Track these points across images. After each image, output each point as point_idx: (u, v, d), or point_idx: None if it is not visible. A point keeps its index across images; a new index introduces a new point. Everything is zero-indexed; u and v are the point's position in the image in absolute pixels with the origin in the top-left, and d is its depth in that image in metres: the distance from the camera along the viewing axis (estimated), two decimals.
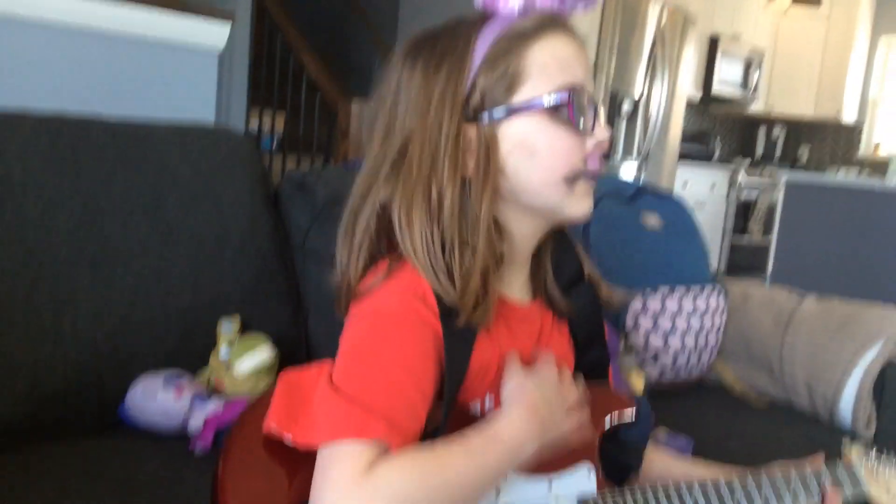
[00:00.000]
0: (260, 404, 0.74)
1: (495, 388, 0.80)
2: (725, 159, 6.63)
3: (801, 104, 6.58)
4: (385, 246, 0.78)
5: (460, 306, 0.72)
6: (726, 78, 6.03)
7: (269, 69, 3.73)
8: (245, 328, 1.22)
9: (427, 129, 0.74)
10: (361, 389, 0.67)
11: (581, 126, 0.75)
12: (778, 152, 7.03)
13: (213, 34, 2.61)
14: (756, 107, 6.55)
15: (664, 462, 0.96)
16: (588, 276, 0.88)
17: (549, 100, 0.74)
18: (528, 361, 0.81)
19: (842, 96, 6.42)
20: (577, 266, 0.87)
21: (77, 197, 1.13)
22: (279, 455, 0.71)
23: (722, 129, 6.97)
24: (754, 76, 6.27)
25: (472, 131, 0.75)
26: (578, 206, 0.78)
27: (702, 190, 5.54)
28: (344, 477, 0.62)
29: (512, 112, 0.75)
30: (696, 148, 6.10)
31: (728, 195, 5.77)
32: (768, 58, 6.49)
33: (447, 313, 0.72)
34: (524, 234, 0.81)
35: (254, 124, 3.85)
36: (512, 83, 0.74)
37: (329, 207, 1.35)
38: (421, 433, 0.69)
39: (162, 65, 2.53)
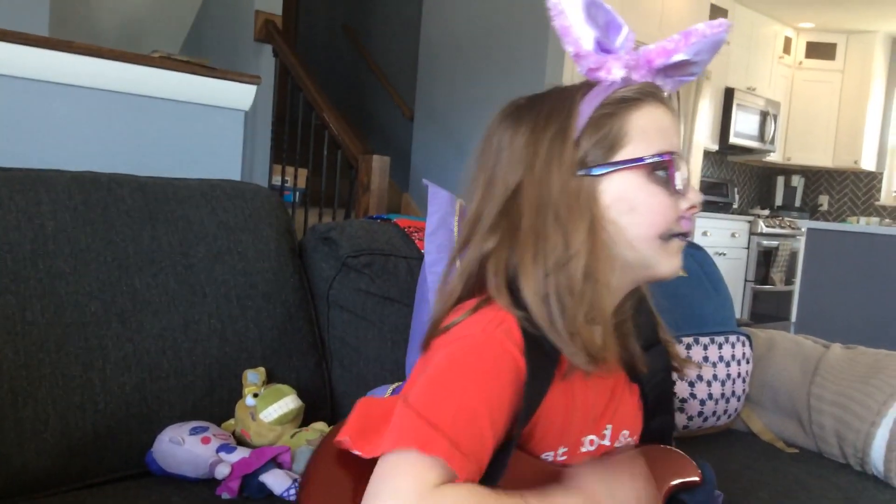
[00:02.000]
0: (337, 430, 0.77)
1: (569, 440, 0.82)
2: (745, 209, 6.63)
3: (818, 154, 6.60)
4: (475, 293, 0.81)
5: (583, 356, 0.74)
6: (742, 130, 6.07)
7: (291, 127, 3.81)
8: (270, 378, 1.23)
9: (536, 182, 0.78)
10: (433, 408, 0.69)
11: (678, 187, 0.79)
12: (797, 201, 7.02)
13: (239, 95, 2.69)
14: (774, 157, 6.57)
15: None
16: (663, 339, 0.90)
17: (651, 159, 0.79)
18: (600, 417, 0.84)
19: (860, 145, 6.43)
20: (654, 328, 0.90)
21: (107, 251, 1.16)
22: (352, 469, 0.73)
23: (740, 179, 6.98)
24: (770, 127, 6.31)
25: (573, 185, 0.78)
26: (669, 263, 0.82)
27: (722, 239, 5.53)
28: (407, 489, 0.63)
29: (614, 168, 0.79)
30: (715, 198, 6.11)
31: (749, 244, 5.75)
32: (784, 109, 6.54)
33: (532, 353, 0.74)
34: (613, 287, 0.82)
35: (276, 180, 3.93)
36: (614, 143, 0.79)
37: (352, 259, 1.37)
38: (486, 464, 0.70)
39: (191, 124, 2.61)
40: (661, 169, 0.79)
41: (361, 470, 0.72)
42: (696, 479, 0.85)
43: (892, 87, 6.63)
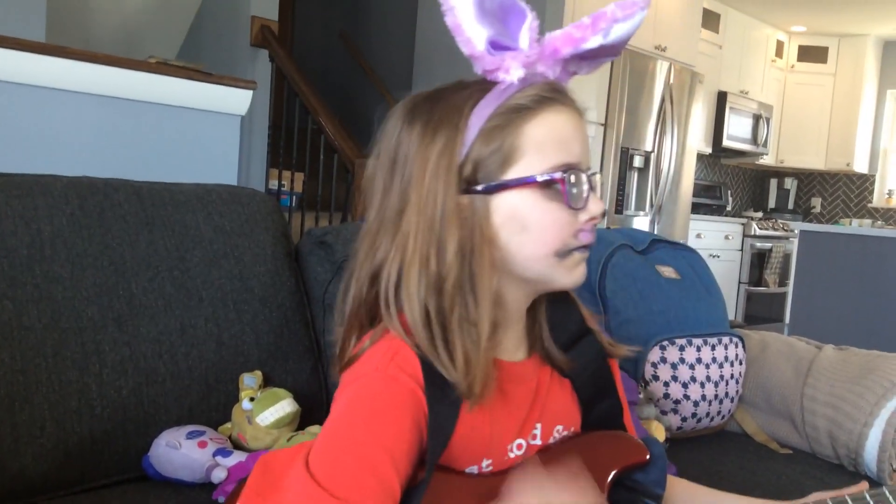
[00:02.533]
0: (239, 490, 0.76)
1: (493, 451, 0.79)
2: (738, 211, 6.65)
3: (811, 156, 6.63)
4: (374, 315, 0.78)
5: (464, 384, 0.71)
6: (735, 133, 6.10)
7: (287, 132, 3.82)
8: (266, 382, 1.23)
9: (423, 199, 0.74)
10: (330, 472, 0.67)
11: (572, 203, 0.75)
12: (790, 203, 7.05)
13: (236, 100, 2.70)
14: (767, 159, 6.61)
15: (689, 491, 0.95)
16: (591, 328, 0.87)
17: (542, 178, 0.74)
18: (526, 420, 0.81)
19: (852, 148, 6.47)
20: (579, 320, 0.87)
21: (104, 256, 1.16)
22: None
23: (734, 182, 7.01)
24: (763, 130, 6.34)
25: (464, 201, 0.74)
26: (569, 277, 0.78)
27: (716, 241, 5.55)
28: None
29: (505, 187, 0.74)
30: (708, 200, 6.13)
31: (742, 246, 5.77)
32: (776, 112, 6.57)
33: (431, 380, 0.72)
34: (516, 298, 0.81)
35: (273, 185, 3.93)
36: (507, 158, 0.74)
37: (348, 262, 1.38)
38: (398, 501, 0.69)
39: (187, 129, 2.61)
40: (556, 184, 0.74)
41: None
42: (645, 457, 0.83)
43: (884, 90, 6.67)
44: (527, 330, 0.85)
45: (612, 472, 0.81)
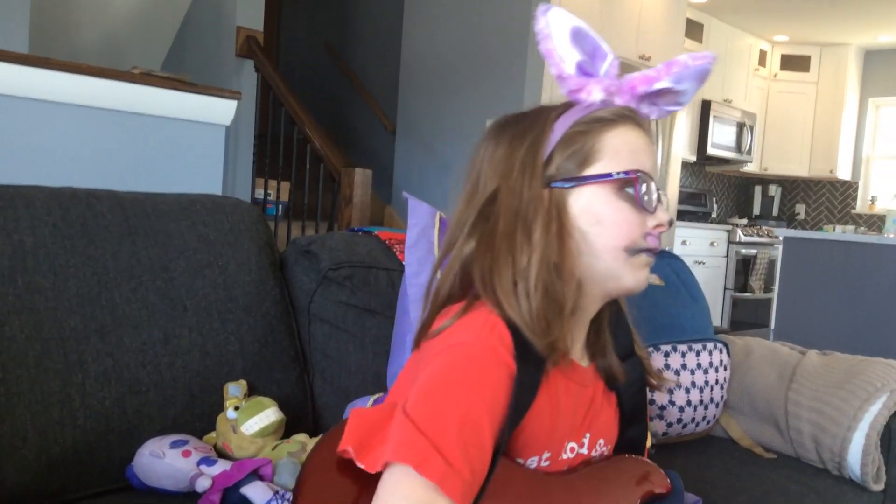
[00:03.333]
0: (333, 434, 0.77)
1: (553, 445, 0.84)
2: (723, 218, 6.70)
3: (795, 164, 6.69)
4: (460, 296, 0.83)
5: (544, 342, 0.76)
6: (720, 141, 6.15)
7: (273, 141, 3.82)
8: (251, 392, 1.23)
9: (510, 191, 0.82)
10: (436, 425, 0.69)
11: (644, 204, 0.82)
12: (775, 210, 7.11)
13: (220, 110, 2.69)
14: (751, 167, 6.66)
15: None
16: (638, 353, 0.93)
17: (618, 175, 0.82)
18: (580, 426, 0.86)
19: (835, 155, 6.53)
20: (630, 340, 0.93)
21: (87, 266, 1.15)
22: (351, 478, 0.73)
23: (719, 189, 7.05)
24: (747, 138, 6.39)
25: (547, 194, 0.82)
26: (634, 276, 0.84)
27: (701, 248, 5.58)
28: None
29: (583, 182, 0.82)
30: (693, 208, 6.17)
31: (728, 253, 5.80)
32: (760, 120, 6.63)
33: (522, 356, 0.76)
34: (589, 295, 0.85)
35: (259, 194, 3.93)
36: (585, 158, 0.83)
37: (333, 272, 1.38)
38: (486, 472, 0.71)
39: (171, 140, 2.61)
40: (629, 186, 0.82)
41: (359, 480, 0.72)
42: (667, 489, 0.87)
43: (866, 98, 6.75)
44: (588, 340, 0.91)
45: (640, 497, 0.86)
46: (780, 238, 3.71)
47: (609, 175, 0.82)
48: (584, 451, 0.89)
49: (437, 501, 0.65)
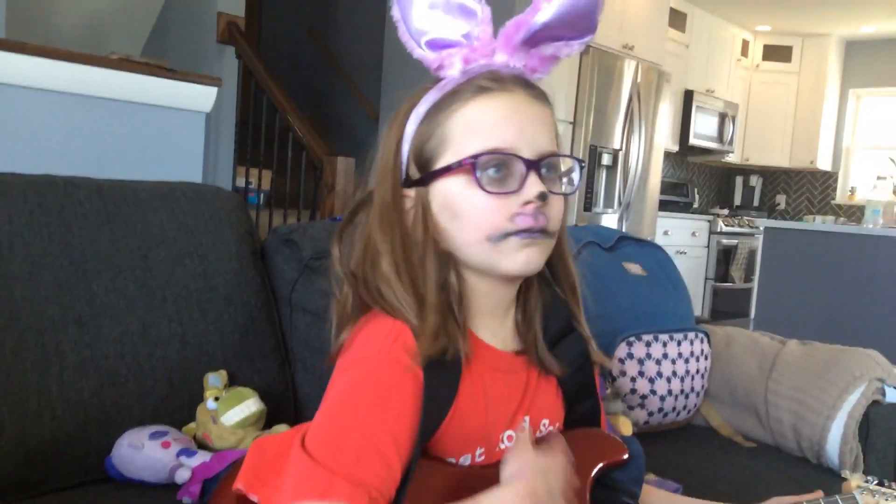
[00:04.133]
0: (231, 475, 0.76)
1: (487, 439, 0.81)
2: (705, 208, 6.73)
3: (776, 154, 6.73)
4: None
5: (434, 347, 0.74)
6: (702, 131, 6.17)
7: (255, 129, 3.78)
8: (232, 382, 1.22)
9: (378, 194, 0.80)
10: (331, 450, 0.68)
11: (490, 188, 0.76)
12: (756, 201, 7.15)
13: (200, 97, 2.66)
14: (732, 157, 6.69)
15: (661, 500, 0.96)
16: (577, 329, 0.88)
17: (455, 164, 0.77)
18: (516, 412, 0.83)
19: (816, 146, 6.58)
20: (566, 318, 0.88)
21: (64, 255, 1.14)
22: None
23: (700, 180, 7.09)
24: (729, 129, 6.42)
25: (410, 193, 0.80)
26: (510, 262, 0.78)
27: (683, 238, 5.61)
28: None
29: (434, 176, 0.78)
30: (675, 198, 6.19)
31: (709, 243, 5.84)
32: (742, 111, 6.66)
33: (433, 361, 0.73)
34: (481, 285, 0.82)
35: (241, 182, 3.90)
36: (437, 149, 0.78)
37: (315, 261, 1.37)
38: (397, 486, 0.70)
39: (151, 127, 2.58)
40: (480, 170, 0.76)
41: None
42: (625, 455, 0.84)
43: (846, 89, 6.80)
44: (518, 327, 0.87)
45: (596, 469, 0.83)
46: (761, 228, 3.74)
47: (448, 168, 0.77)
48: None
49: None
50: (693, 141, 6.08)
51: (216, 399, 1.15)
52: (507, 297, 0.85)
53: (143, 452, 1.05)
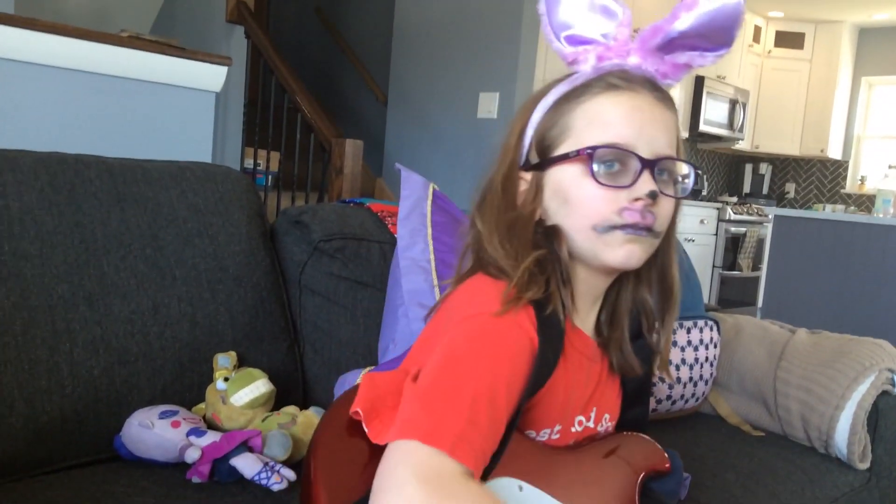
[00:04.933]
0: (343, 401, 0.76)
1: (565, 418, 0.85)
2: (713, 196, 6.70)
3: (786, 142, 6.68)
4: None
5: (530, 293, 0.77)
6: (712, 118, 6.12)
7: (263, 110, 3.77)
8: (241, 363, 1.22)
9: (501, 174, 0.85)
10: (444, 399, 0.68)
11: (604, 181, 0.79)
12: (765, 189, 7.11)
13: (210, 76, 2.65)
14: (742, 145, 6.65)
15: None
16: (648, 340, 0.91)
17: (572, 154, 0.80)
18: (589, 400, 0.87)
19: (826, 134, 6.52)
20: (638, 324, 0.91)
21: (75, 233, 1.14)
22: (363, 440, 0.73)
23: (710, 167, 7.05)
24: (739, 115, 6.37)
25: (528, 176, 0.85)
26: (612, 254, 0.81)
27: (691, 225, 5.58)
28: (407, 478, 0.62)
29: (552, 163, 0.82)
30: None
31: (717, 230, 5.82)
32: (753, 98, 6.61)
33: (545, 326, 0.76)
34: (581, 271, 0.85)
35: (248, 164, 3.89)
36: (559, 137, 0.82)
37: (324, 243, 1.37)
38: (499, 441, 0.71)
39: (160, 106, 2.57)
40: (596, 161, 0.79)
41: (370, 442, 0.72)
42: (666, 466, 0.88)
43: (859, 77, 6.73)
44: (601, 323, 0.90)
45: (643, 474, 0.87)
46: (770, 216, 3.72)
47: (566, 156, 0.81)
48: (591, 424, 0.89)
49: (446, 466, 0.64)
50: (703, 128, 6.04)
51: (226, 380, 1.15)
52: (600, 286, 0.88)
53: (153, 432, 1.05)
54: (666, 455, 0.90)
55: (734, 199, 6.38)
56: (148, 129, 2.54)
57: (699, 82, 5.98)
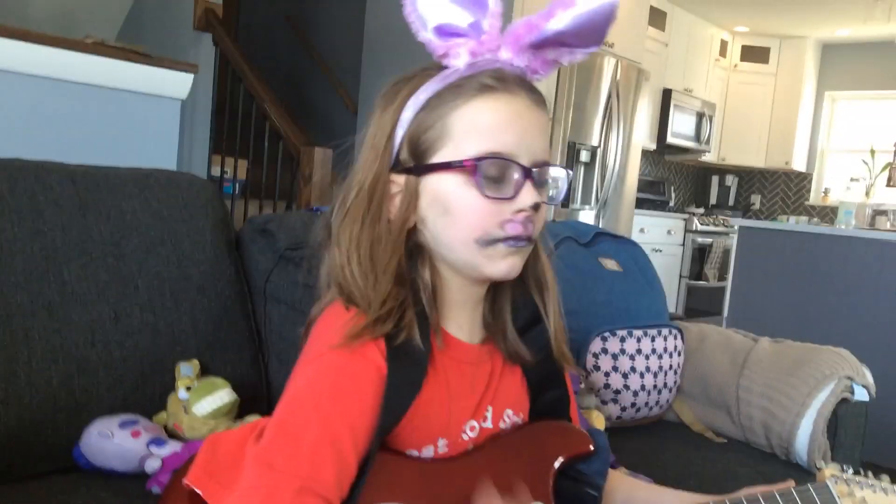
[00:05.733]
0: (181, 472, 0.77)
1: (450, 431, 0.81)
2: (681, 207, 6.79)
3: (751, 155, 6.80)
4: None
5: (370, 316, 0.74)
6: (679, 130, 6.21)
7: (231, 117, 3.75)
8: (204, 372, 1.21)
9: (364, 175, 0.78)
10: (285, 450, 0.69)
11: (488, 192, 0.75)
12: (731, 200, 7.22)
13: (176, 83, 2.63)
14: (709, 157, 6.74)
15: (627, 484, 0.97)
16: (543, 321, 0.88)
17: (457, 163, 0.76)
18: (480, 402, 0.84)
19: (791, 147, 6.65)
20: (533, 308, 0.88)
21: (35, 241, 1.12)
22: None
23: (677, 178, 7.14)
24: (706, 128, 6.46)
25: (399, 179, 0.78)
26: (494, 267, 0.78)
27: (659, 236, 5.65)
28: None
29: (430, 169, 0.77)
30: (652, 196, 6.23)
31: (684, 241, 5.89)
32: (719, 110, 6.71)
33: (396, 352, 0.74)
34: (458, 283, 0.82)
35: (216, 171, 3.86)
36: (436, 142, 0.77)
37: (290, 252, 1.36)
38: (353, 481, 0.71)
39: (125, 113, 2.54)
40: (480, 173, 0.75)
41: None
42: (590, 448, 0.85)
43: (822, 91, 6.87)
44: (485, 316, 0.87)
45: (558, 462, 0.83)
46: (736, 227, 3.77)
47: (448, 164, 0.76)
48: (489, 424, 0.85)
49: None
50: (671, 140, 6.12)
51: (188, 389, 1.13)
52: (479, 292, 0.85)
53: (113, 441, 1.03)
54: (587, 435, 0.86)
55: (701, 211, 6.47)
56: (112, 136, 2.51)
57: (667, 95, 6.06)
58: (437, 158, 0.77)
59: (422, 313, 0.78)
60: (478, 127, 0.76)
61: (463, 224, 0.77)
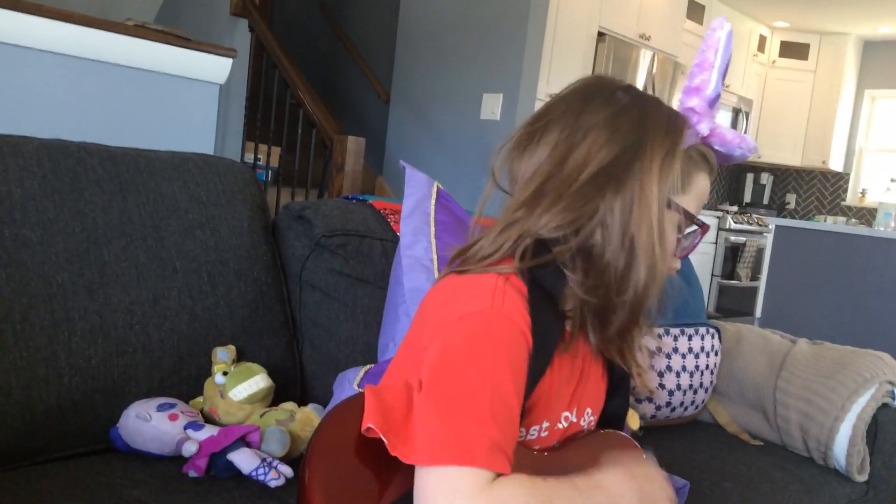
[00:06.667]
0: (341, 411, 0.75)
1: (552, 415, 0.84)
2: (714, 204, 6.70)
3: (788, 153, 6.68)
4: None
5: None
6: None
7: (265, 104, 3.76)
8: (239, 357, 1.21)
9: (636, 189, 0.79)
10: (463, 410, 0.68)
11: (684, 250, 0.89)
12: (766, 199, 7.11)
13: (215, 68, 2.64)
14: None
15: None
16: None
17: (700, 224, 0.88)
18: (572, 395, 0.87)
19: (828, 146, 6.52)
20: None
21: (76, 222, 1.13)
22: (367, 458, 0.72)
23: None
24: (742, 125, 6.37)
25: (665, 202, 0.85)
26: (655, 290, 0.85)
27: None
28: (457, 499, 0.63)
29: (674, 206, 0.85)
30: None
31: (717, 239, 5.81)
32: (756, 107, 6.60)
33: (536, 320, 0.76)
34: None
35: (249, 158, 3.87)
36: (684, 186, 0.86)
37: (326, 239, 1.36)
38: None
39: (164, 96, 2.55)
40: (690, 230, 0.88)
41: (374, 460, 0.71)
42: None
43: (862, 89, 6.73)
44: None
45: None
46: (771, 226, 3.71)
47: (692, 218, 0.87)
48: (575, 419, 0.89)
49: (483, 479, 0.65)
50: None
51: (224, 374, 1.14)
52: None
53: (151, 424, 1.04)
54: (643, 451, 0.89)
55: (735, 209, 6.38)
56: (151, 118, 2.53)
57: None
58: (681, 201, 0.86)
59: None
60: (703, 193, 0.90)
61: (666, 259, 0.83)
